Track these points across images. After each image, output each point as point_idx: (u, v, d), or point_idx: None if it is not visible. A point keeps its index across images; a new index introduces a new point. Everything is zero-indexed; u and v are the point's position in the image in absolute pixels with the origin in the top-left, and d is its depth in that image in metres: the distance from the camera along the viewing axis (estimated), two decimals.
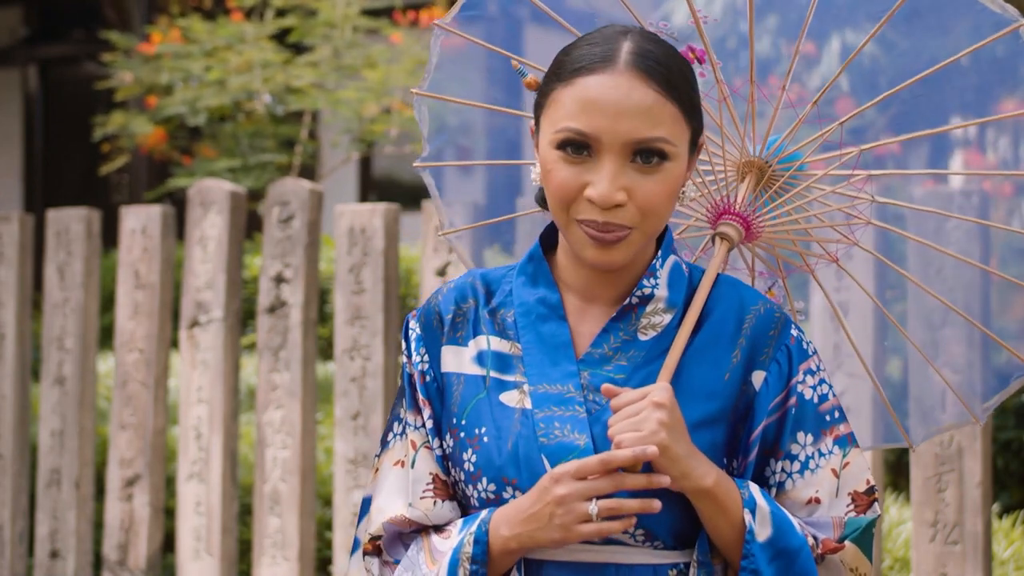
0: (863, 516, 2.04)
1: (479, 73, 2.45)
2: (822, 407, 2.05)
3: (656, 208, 1.98)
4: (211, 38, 8.32)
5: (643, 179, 1.96)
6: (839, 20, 2.38)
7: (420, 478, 2.07)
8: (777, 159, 2.27)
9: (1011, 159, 6.39)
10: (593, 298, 2.07)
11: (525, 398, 2.03)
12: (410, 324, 2.14)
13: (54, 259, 5.32)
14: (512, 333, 2.08)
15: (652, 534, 1.99)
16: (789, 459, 2.03)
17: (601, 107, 1.95)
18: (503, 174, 2.81)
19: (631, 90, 1.95)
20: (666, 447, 1.91)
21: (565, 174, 1.97)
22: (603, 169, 1.95)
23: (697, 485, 1.95)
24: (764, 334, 2.05)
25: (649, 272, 2.06)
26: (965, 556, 3.99)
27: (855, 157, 2.30)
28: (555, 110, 1.99)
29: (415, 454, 2.08)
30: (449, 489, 2.07)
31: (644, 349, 2.04)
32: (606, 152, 1.95)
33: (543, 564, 2.00)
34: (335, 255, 4.81)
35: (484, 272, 2.15)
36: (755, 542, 1.96)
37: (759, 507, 1.97)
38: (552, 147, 1.98)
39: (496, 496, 2.01)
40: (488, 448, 2.02)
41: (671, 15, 2.28)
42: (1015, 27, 2.20)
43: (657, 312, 2.05)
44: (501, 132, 2.63)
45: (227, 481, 4.87)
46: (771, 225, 2.29)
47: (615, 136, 1.94)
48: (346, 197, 10.92)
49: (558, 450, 1.98)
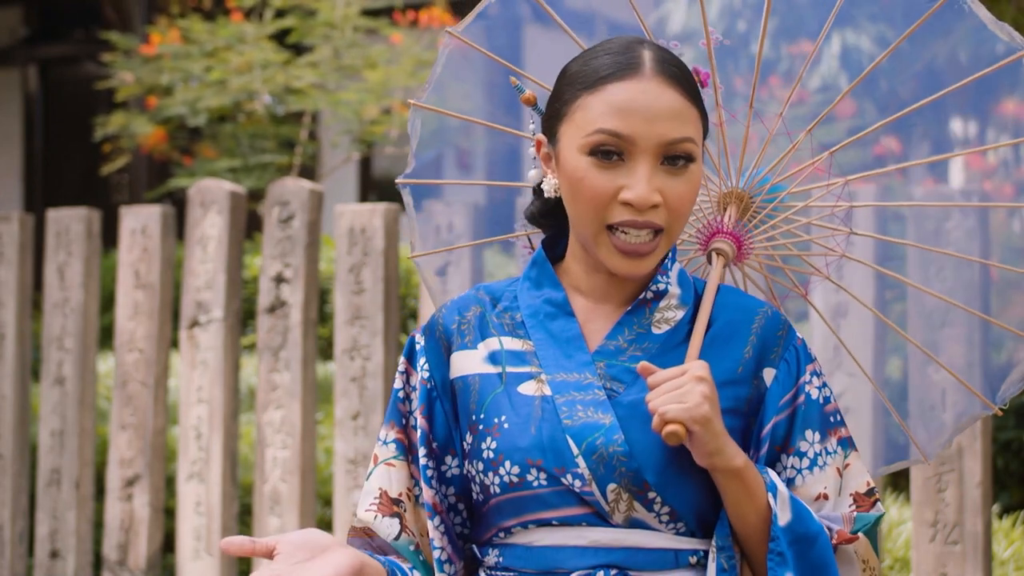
0: (870, 513, 2.08)
1: (480, 89, 2.44)
2: (827, 408, 2.10)
3: (684, 209, 2.04)
4: (211, 38, 8.32)
5: (673, 181, 2.02)
6: (839, 21, 2.38)
7: (370, 491, 2.13)
8: (761, 191, 2.31)
9: (1012, 159, 6.39)
10: (604, 300, 2.12)
11: (544, 386, 2.06)
12: (416, 338, 2.18)
13: (54, 259, 5.32)
14: (522, 332, 2.11)
15: (677, 514, 2.02)
16: (799, 456, 2.07)
17: (635, 110, 2.00)
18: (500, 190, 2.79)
19: (661, 94, 2.02)
20: (709, 419, 1.95)
21: (599, 180, 2.02)
22: (638, 172, 2.01)
23: (729, 464, 1.98)
24: (773, 334, 2.10)
25: (662, 271, 2.11)
26: (965, 556, 3.99)
27: (841, 187, 2.32)
28: (583, 116, 2.03)
29: (373, 468, 2.14)
30: (393, 506, 2.12)
31: (659, 342, 2.08)
32: (640, 155, 2.01)
33: (562, 549, 2.02)
34: (335, 255, 4.81)
35: (487, 285, 2.19)
36: (778, 525, 1.99)
37: (780, 492, 2.01)
38: (582, 153, 2.03)
39: (520, 479, 2.03)
40: (510, 433, 2.04)
41: (669, 16, 2.29)
42: (1018, 56, 2.25)
43: (670, 307, 2.10)
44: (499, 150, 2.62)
45: (227, 481, 4.87)
46: (761, 245, 2.34)
47: (649, 138, 2.00)
48: (346, 197, 10.92)
49: (584, 430, 2.01)
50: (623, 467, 1.99)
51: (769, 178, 2.30)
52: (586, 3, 2.43)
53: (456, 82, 2.40)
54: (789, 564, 1.99)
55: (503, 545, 2.07)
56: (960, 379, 2.51)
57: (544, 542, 2.03)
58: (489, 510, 2.07)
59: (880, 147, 2.43)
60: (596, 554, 2.01)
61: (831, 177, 2.32)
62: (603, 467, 1.99)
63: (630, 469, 1.99)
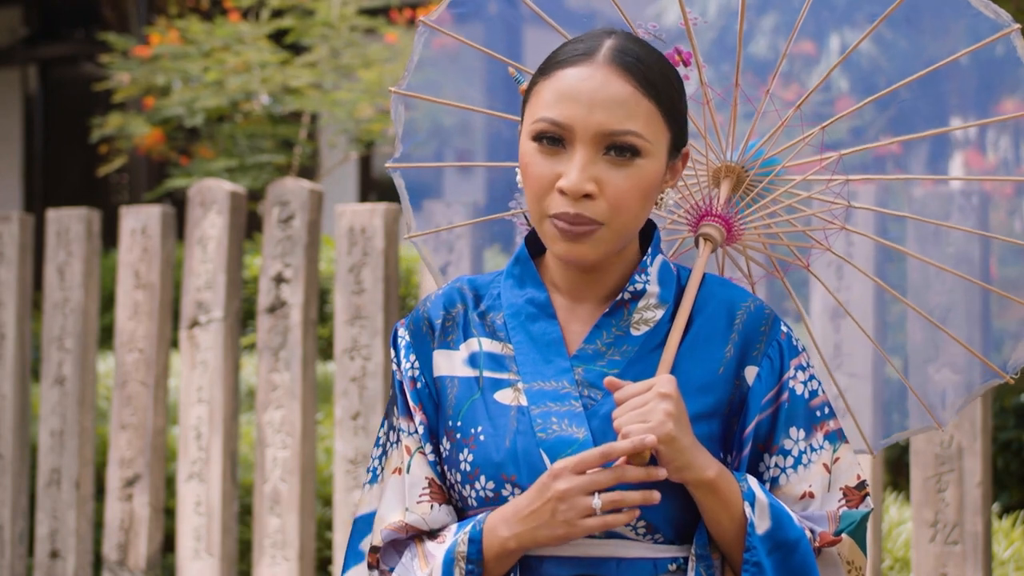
0: (857, 510, 2.05)
1: (462, 73, 2.45)
2: (812, 403, 2.07)
3: (626, 203, 1.99)
4: (209, 39, 8.31)
5: (614, 172, 1.98)
6: (838, 19, 2.39)
7: (416, 483, 2.07)
8: (755, 164, 2.29)
9: (1012, 159, 6.39)
10: (581, 297, 2.08)
11: (520, 395, 2.03)
12: (399, 332, 2.15)
13: (54, 259, 5.32)
14: (503, 334, 2.08)
15: (653, 527, 2.00)
16: (782, 454, 2.04)
17: (575, 97, 1.97)
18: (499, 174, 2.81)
19: (606, 82, 1.98)
20: (673, 438, 1.92)
21: (540, 167, 1.99)
22: (574, 159, 1.97)
23: (700, 477, 1.96)
24: (756, 330, 2.06)
25: (640, 268, 2.07)
26: (965, 556, 3.99)
27: (835, 162, 2.31)
28: (534, 102, 2.02)
29: (410, 459, 2.09)
30: (445, 493, 2.07)
31: (637, 344, 2.05)
32: (578, 142, 1.97)
33: (543, 560, 2.00)
34: (335, 255, 4.81)
35: (471, 278, 2.16)
36: (755, 534, 1.97)
37: (758, 499, 1.99)
38: (529, 139, 2.01)
39: (495, 495, 2.01)
40: (485, 446, 2.02)
41: (663, 14, 2.29)
42: (1006, 32, 2.23)
43: (649, 308, 2.07)
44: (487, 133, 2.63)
45: (227, 481, 4.87)
46: (753, 227, 2.31)
47: (587, 126, 1.96)
48: (346, 197, 10.92)
49: (557, 444, 1.99)
50: None
51: (763, 151, 2.29)
52: (584, 2, 2.43)
53: (435, 68, 2.41)
54: (767, 573, 1.97)
55: None
56: (967, 346, 2.49)
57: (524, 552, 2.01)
58: (468, 518, 2.05)
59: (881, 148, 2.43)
60: (575, 564, 1.99)
61: (825, 151, 2.31)
62: None
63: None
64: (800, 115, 2.28)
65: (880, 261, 3.84)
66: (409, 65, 2.38)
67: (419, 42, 2.37)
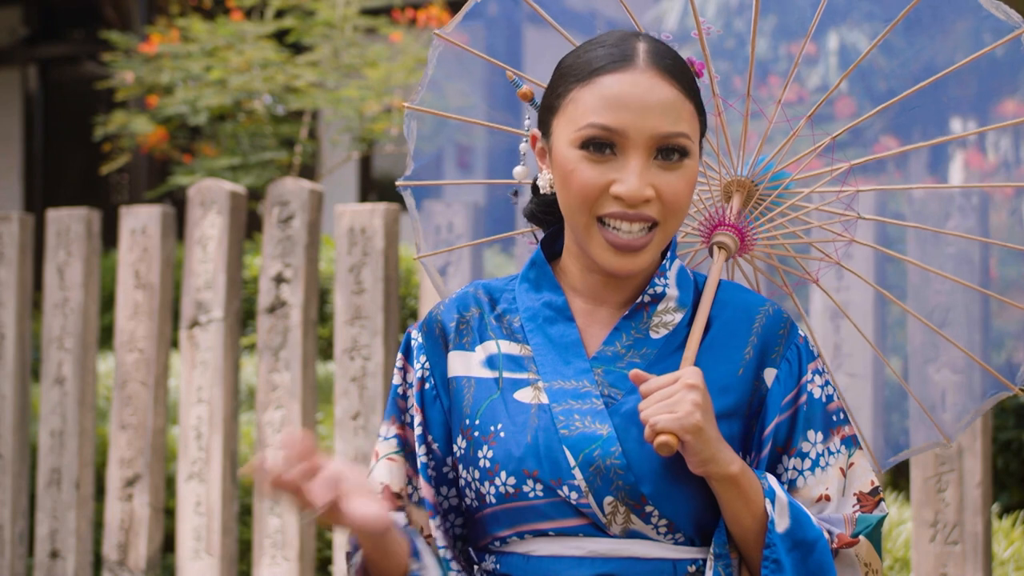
0: (872, 514, 2.06)
1: (475, 88, 2.44)
2: (829, 407, 2.07)
3: (681, 204, 2.01)
4: (211, 38, 8.31)
5: (667, 176, 1.99)
6: (837, 19, 2.38)
7: (373, 488, 2.09)
8: (764, 178, 2.29)
9: (1012, 159, 6.39)
10: (601, 301, 2.09)
11: (540, 394, 2.03)
12: (412, 334, 2.15)
13: (54, 259, 5.32)
14: (521, 336, 2.09)
15: (675, 525, 2.00)
16: (800, 457, 2.05)
17: (626, 103, 1.97)
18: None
19: (653, 87, 1.99)
20: (700, 428, 1.93)
21: (589, 173, 1.99)
22: (629, 165, 1.98)
23: (724, 471, 1.96)
24: (774, 333, 2.07)
25: (659, 272, 2.08)
26: (965, 556, 3.99)
27: (845, 172, 2.31)
28: (575, 109, 2.00)
29: (375, 463, 2.11)
30: (398, 501, 2.09)
31: (656, 347, 2.05)
32: (632, 148, 1.97)
33: (560, 559, 2.01)
34: (335, 255, 4.81)
35: (485, 283, 2.16)
36: (775, 532, 1.97)
37: (778, 497, 1.99)
38: (573, 147, 2.00)
39: (516, 490, 2.01)
40: (506, 443, 2.02)
41: (665, 16, 2.29)
42: (1017, 34, 2.21)
43: (668, 311, 2.07)
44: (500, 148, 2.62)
45: (227, 481, 4.87)
46: (765, 237, 2.31)
47: (641, 131, 1.97)
48: (346, 197, 10.92)
49: (580, 441, 1.99)
50: (620, 480, 1.97)
51: (773, 164, 2.29)
52: (584, 2, 2.43)
53: (449, 82, 2.39)
54: (786, 571, 1.97)
55: (500, 553, 2.05)
56: (973, 356, 2.49)
57: (541, 552, 2.01)
58: (484, 518, 2.05)
59: (880, 147, 2.42)
60: (594, 564, 1.99)
61: (835, 163, 2.31)
62: (600, 479, 1.97)
63: (627, 482, 1.97)
64: (810, 124, 2.28)
65: (880, 260, 3.84)
66: (423, 80, 2.37)
67: (433, 56, 2.35)
